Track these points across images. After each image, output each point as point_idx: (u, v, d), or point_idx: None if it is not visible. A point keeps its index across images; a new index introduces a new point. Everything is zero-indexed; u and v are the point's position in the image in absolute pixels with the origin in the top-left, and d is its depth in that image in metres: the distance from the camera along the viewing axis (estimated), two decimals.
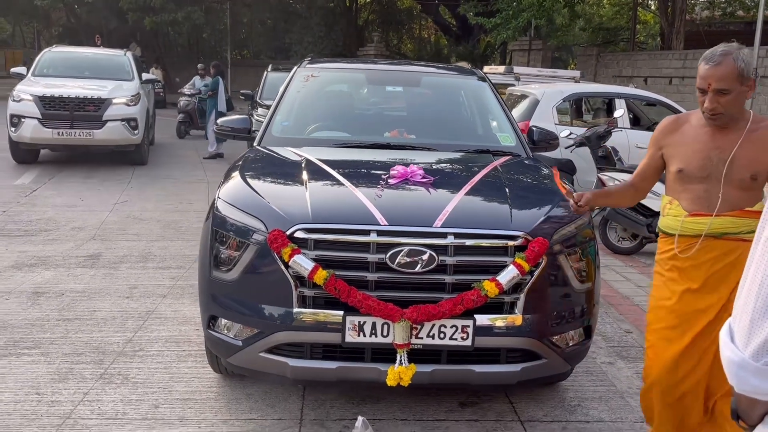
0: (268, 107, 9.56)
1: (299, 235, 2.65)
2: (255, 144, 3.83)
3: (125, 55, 11.53)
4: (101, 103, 9.54)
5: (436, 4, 27.26)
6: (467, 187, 2.96)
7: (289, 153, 3.56)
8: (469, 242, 2.66)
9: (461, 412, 3.19)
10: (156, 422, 2.98)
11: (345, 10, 28.96)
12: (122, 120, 9.68)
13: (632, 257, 6.38)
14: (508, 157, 3.66)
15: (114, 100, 9.67)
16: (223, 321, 2.87)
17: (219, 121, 4.22)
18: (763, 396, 1.08)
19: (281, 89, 4.22)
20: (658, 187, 6.13)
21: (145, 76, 11.24)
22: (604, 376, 3.68)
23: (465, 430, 3.04)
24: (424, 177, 3.00)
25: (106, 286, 4.80)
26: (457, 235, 2.65)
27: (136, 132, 9.87)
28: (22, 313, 4.21)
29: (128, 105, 9.84)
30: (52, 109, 9.32)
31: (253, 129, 4.16)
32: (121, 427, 2.93)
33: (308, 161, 3.29)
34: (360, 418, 2.53)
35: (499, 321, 2.72)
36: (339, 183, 3.00)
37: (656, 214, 6.15)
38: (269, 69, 11.41)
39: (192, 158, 11.62)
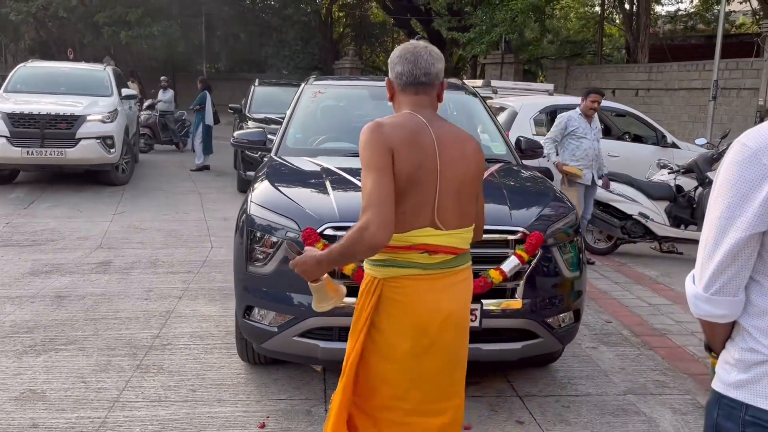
0: (257, 120, 9.95)
1: (329, 232, 3.04)
2: (272, 154, 4.21)
3: (105, 69, 11.11)
4: (74, 120, 9.04)
5: (408, 18, 27.89)
6: None
7: (306, 162, 3.94)
8: None
9: (466, 390, 3.58)
10: (196, 403, 3.32)
11: (320, 24, 29.41)
12: (97, 138, 9.18)
13: (608, 257, 6.88)
14: (501, 164, 4.10)
15: (89, 117, 9.19)
16: (259, 310, 3.23)
17: (236, 134, 4.59)
18: (714, 318, 1.49)
19: (292, 104, 4.61)
20: (627, 190, 6.65)
21: (125, 91, 10.89)
22: (589, 358, 4.12)
23: (471, 404, 3.43)
24: None
25: (122, 289, 5.10)
26: None
27: (112, 151, 9.38)
28: (50, 314, 4.50)
29: (104, 122, 9.35)
30: (22, 126, 8.82)
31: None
32: (166, 408, 3.27)
33: (326, 169, 3.69)
34: None
35: (503, 305, 3.13)
36: (358, 187, 3.39)
37: (629, 217, 6.67)
38: (256, 84, 11.74)
39: (179, 171, 11.89)
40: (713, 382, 1.55)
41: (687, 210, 6.73)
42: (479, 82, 11.49)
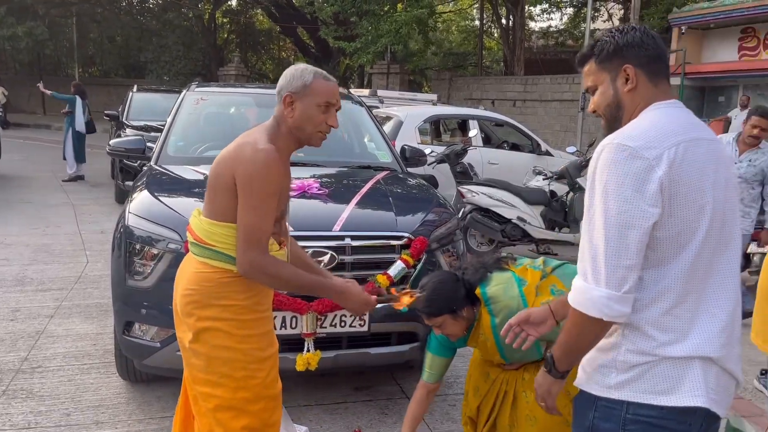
0: (135, 128, 9.52)
1: None
2: (152, 163, 4.05)
3: None
4: None
5: (295, 26, 27.78)
6: (357, 197, 3.43)
7: (188, 170, 3.82)
8: (363, 243, 3.13)
9: (357, 395, 3.63)
10: (70, 428, 3.12)
11: (203, 29, 28.57)
12: None
13: None
14: (386, 172, 4.18)
15: None
16: (140, 325, 3.09)
17: (112, 142, 4.36)
18: (623, 318, 1.45)
19: (173, 111, 4.45)
20: (506, 195, 6.99)
21: None
22: None
23: (362, 409, 3.48)
24: (319, 189, 3.43)
25: None
26: (353, 237, 3.11)
27: None
28: None
29: None
30: None
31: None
32: None
33: None
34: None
35: (389, 308, 3.19)
36: None
37: (508, 221, 7.01)
38: (134, 89, 11.22)
39: (49, 181, 11.12)
40: (585, 386, 1.58)
41: (560, 213, 7.17)
42: (366, 92, 11.66)
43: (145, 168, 4.07)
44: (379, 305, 2.37)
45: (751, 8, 13.87)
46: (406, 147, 4.78)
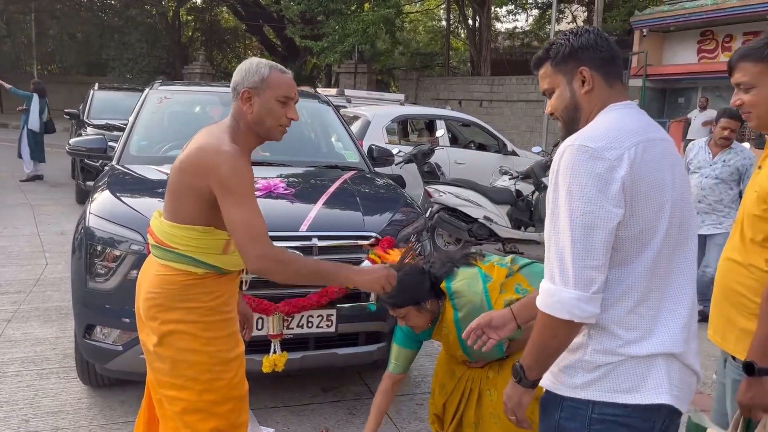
0: (97, 127, 9.31)
1: None
2: (113, 162, 3.96)
3: None
4: None
5: (261, 25, 27.56)
6: (325, 197, 3.42)
7: (152, 170, 3.75)
8: (330, 243, 3.11)
9: (324, 396, 3.61)
10: None
11: (168, 26, 28.13)
12: None
13: None
14: (354, 171, 4.17)
15: None
16: (101, 329, 3.02)
17: (72, 141, 4.26)
18: (592, 318, 1.45)
19: (136, 110, 4.37)
20: (473, 195, 7.04)
21: None
22: None
23: (329, 410, 3.46)
24: (285, 189, 3.40)
25: None
26: (320, 237, 3.09)
27: None
28: None
29: None
30: None
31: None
32: None
33: None
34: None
35: (358, 308, 3.19)
36: None
37: (475, 221, 7.06)
38: (96, 87, 10.97)
39: (7, 181, 10.82)
40: (551, 386, 1.58)
41: (526, 213, 7.25)
42: (333, 91, 11.62)
43: (106, 168, 3.99)
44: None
45: (709, 12, 14.23)
46: (373, 147, 4.78)
